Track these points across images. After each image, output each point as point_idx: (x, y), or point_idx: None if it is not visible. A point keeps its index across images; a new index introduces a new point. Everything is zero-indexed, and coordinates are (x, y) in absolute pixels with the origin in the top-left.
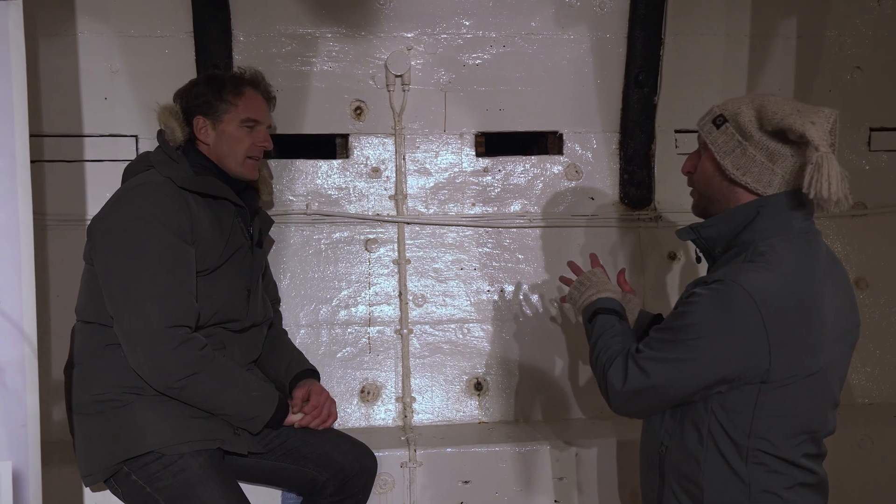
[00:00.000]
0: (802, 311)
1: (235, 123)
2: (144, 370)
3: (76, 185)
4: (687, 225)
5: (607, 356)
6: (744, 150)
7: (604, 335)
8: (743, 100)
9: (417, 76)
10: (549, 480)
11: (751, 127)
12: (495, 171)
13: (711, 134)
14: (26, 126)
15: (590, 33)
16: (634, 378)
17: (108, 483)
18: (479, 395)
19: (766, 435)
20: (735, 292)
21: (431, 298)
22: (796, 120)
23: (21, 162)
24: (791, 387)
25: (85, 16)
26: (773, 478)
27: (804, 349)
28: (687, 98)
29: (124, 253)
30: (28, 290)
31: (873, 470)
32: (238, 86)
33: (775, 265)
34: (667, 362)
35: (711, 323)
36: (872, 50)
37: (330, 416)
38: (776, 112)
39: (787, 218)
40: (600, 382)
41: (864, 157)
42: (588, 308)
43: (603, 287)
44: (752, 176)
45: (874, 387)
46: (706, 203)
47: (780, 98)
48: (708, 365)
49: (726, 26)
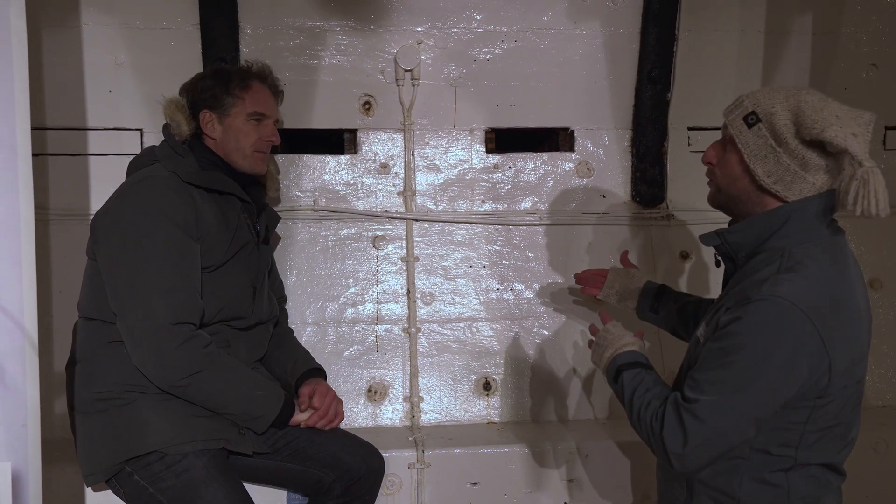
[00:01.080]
0: (847, 318)
1: (242, 117)
2: (148, 367)
3: (79, 180)
4: (712, 230)
5: (651, 414)
6: (777, 157)
7: (637, 392)
8: (777, 96)
9: (427, 71)
10: (559, 482)
11: (787, 133)
12: (505, 168)
13: (742, 134)
14: (28, 119)
15: (602, 28)
16: (694, 432)
17: (109, 483)
18: (487, 395)
19: (813, 447)
20: (784, 309)
21: (440, 297)
22: (838, 133)
23: (22, 155)
24: (843, 398)
25: (89, 7)
26: (814, 484)
27: (855, 357)
28: (700, 95)
29: (128, 248)
30: (29, 286)
31: (888, 473)
32: (245, 79)
33: (815, 273)
34: (724, 402)
35: (766, 347)
36: (888, 47)
37: (337, 415)
38: (815, 120)
39: (817, 222)
40: (652, 444)
41: (879, 156)
42: (610, 368)
43: (619, 343)
44: (784, 185)
45: (888, 389)
46: (726, 199)
47: (816, 98)
48: (770, 393)
49: (741, 22)
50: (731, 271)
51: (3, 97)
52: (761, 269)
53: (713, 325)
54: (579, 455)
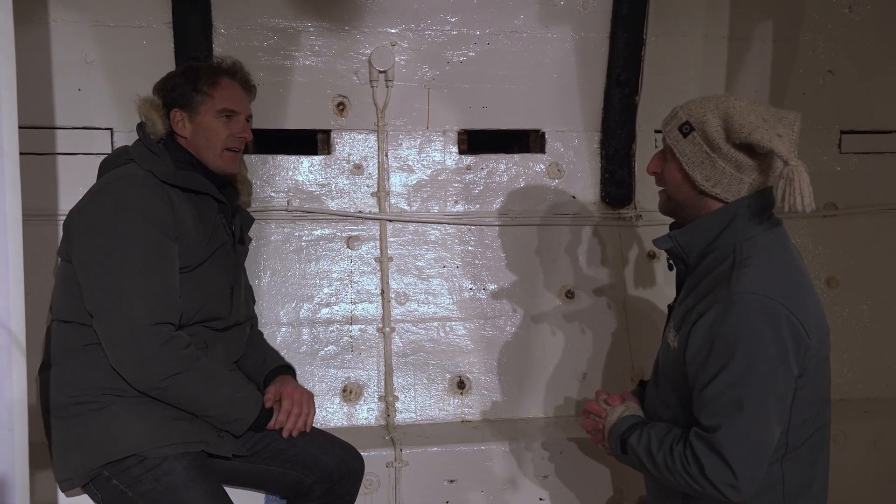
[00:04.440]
0: (807, 296)
1: (212, 114)
2: (127, 370)
3: (48, 179)
4: (665, 234)
5: (679, 460)
6: (713, 162)
7: (652, 446)
8: (707, 105)
9: (401, 72)
10: (534, 478)
11: (718, 139)
12: (478, 169)
13: (679, 143)
14: (15, 118)
15: (573, 33)
16: (735, 456)
17: (86, 488)
18: (461, 394)
19: (800, 429)
20: (756, 303)
21: (414, 296)
22: (763, 135)
23: (9, 155)
24: (817, 370)
25: (58, 3)
26: (805, 471)
27: (821, 334)
28: (667, 99)
29: (105, 248)
30: (17, 289)
31: (847, 464)
32: (214, 75)
33: (769, 262)
34: (746, 415)
35: (757, 345)
36: (844, 54)
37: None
38: (743, 125)
39: (760, 216)
40: (696, 486)
41: (834, 159)
42: (613, 444)
43: (611, 417)
44: (723, 187)
45: (845, 383)
46: (675, 206)
47: (743, 104)
48: (782, 384)
49: (705, 28)
50: (683, 273)
51: None
52: (717, 267)
53: (685, 333)
54: (553, 451)
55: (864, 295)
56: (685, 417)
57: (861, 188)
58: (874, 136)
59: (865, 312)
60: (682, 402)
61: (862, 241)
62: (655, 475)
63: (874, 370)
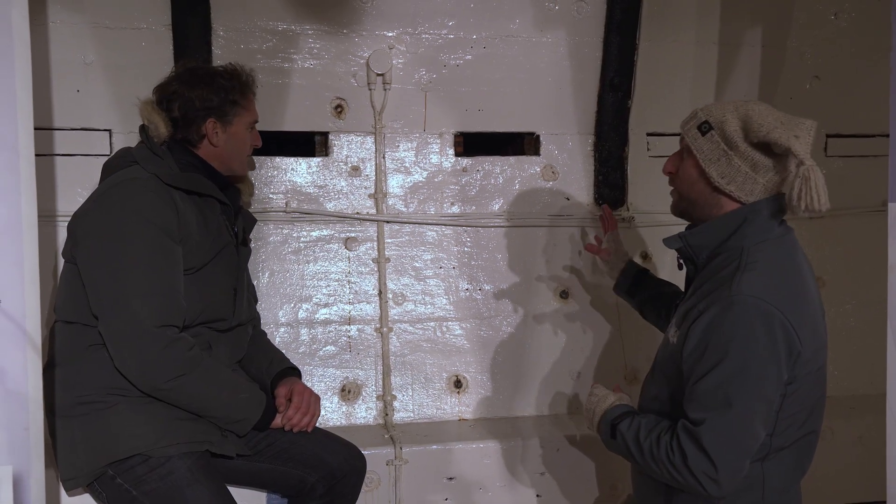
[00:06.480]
0: (806, 307)
1: (244, 126)
2: (131, 371)
3: (46, 180)
4: (675, 234)
5: (664, 450)
6: (729, 159)
7: (640, 434)
8: (727, 107)
9: (399, 75)
10: (532, 475)
11: (736, 137)
12: (474, 171)
13: (697, 140)
14: (31, 119)
15: (567, 37)
16: (717, 450)
17: (90, 487)
18: (458, 393)
19: (785, 433)
20: (753, 306)
21: (411, 297)
22: (781, 134)
23: (25, 156)
24: (808, 379)
25: (57, 4)
26: (786, 473)
27: (817, 345)
28: (658, 103)
29: (110, 250)
30: (31, 290)
31: (834, 459)
32: (245, 89)
33: (773, 268)
34: (732, 411)
35: (749, 346)
36: (829, 60)
37: (315, 414)
38: (762, 124)
39: (771, 222)
40: (677, 476)
41: (821, 163)
42: (604, 427)
43: (605, 403)
44: (737, 185)
45: (831, 381)
46: (687, 205)
47: (762, 107)
48: (770, 385)
49: (697, 34)
50: (692, 273)
51: (5, 98)
52: (723, 269)
53: (685, 330)
54: (549, 449)
55: (849, 295)
56: (673, 411)
57: (846, 191)
58: (858, 140)
59: (851, 312)
60: (672, 396)
61: (847, 242)
62: (640, 463)
63: (860, 368)
